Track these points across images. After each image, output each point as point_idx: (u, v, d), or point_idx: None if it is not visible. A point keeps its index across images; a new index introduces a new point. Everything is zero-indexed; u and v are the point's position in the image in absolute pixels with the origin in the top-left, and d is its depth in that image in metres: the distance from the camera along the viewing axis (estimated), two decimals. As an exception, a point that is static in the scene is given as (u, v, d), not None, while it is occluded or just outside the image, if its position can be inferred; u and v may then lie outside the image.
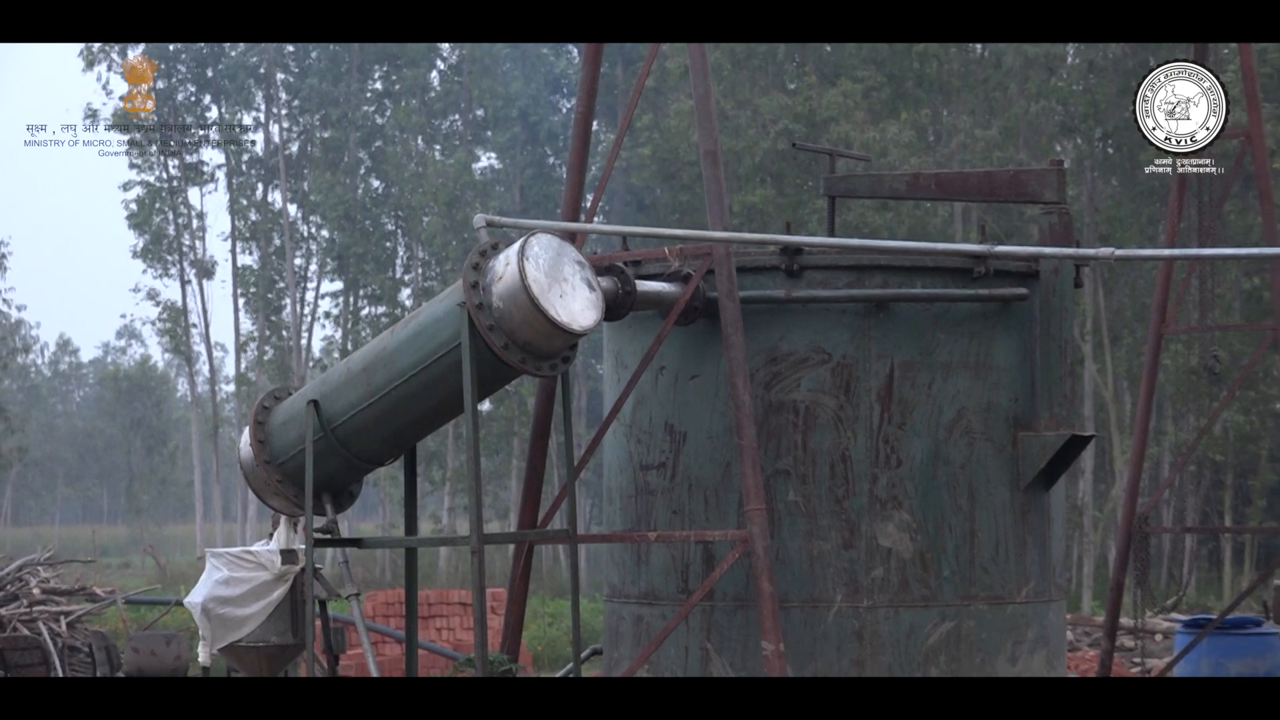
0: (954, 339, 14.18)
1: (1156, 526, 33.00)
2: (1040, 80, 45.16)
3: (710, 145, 14.00)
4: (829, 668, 13.84)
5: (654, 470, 14.44)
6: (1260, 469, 47.14)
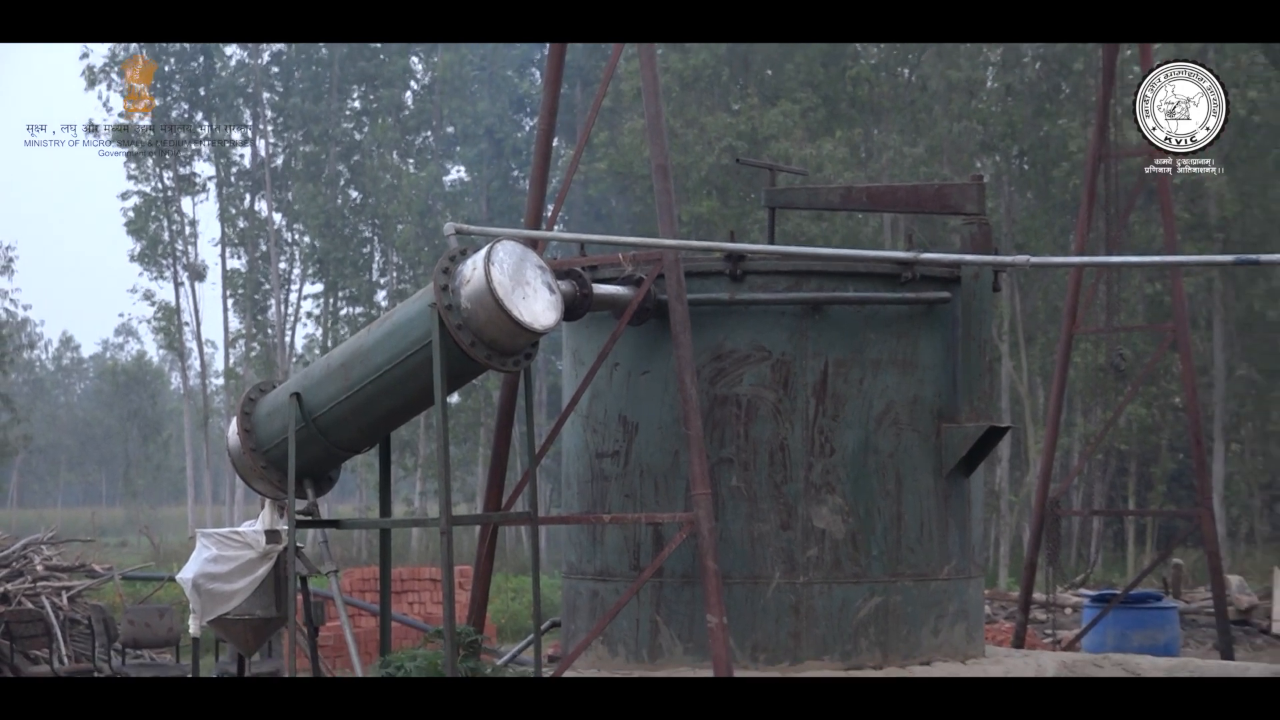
0: (883, 338, 14.21)
1: (1066, 510, 33.05)
2: (962, 103, 45.25)
3: (661, 160, 13.99)
4: (768, 639, 13.85)
5: (608, 458, 14.44)
6: (1161, 457, 47.32)
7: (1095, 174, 19.92)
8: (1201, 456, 21.26)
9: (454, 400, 39.11)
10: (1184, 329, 20.17)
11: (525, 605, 23.68)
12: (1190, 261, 14.97)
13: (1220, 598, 20.24)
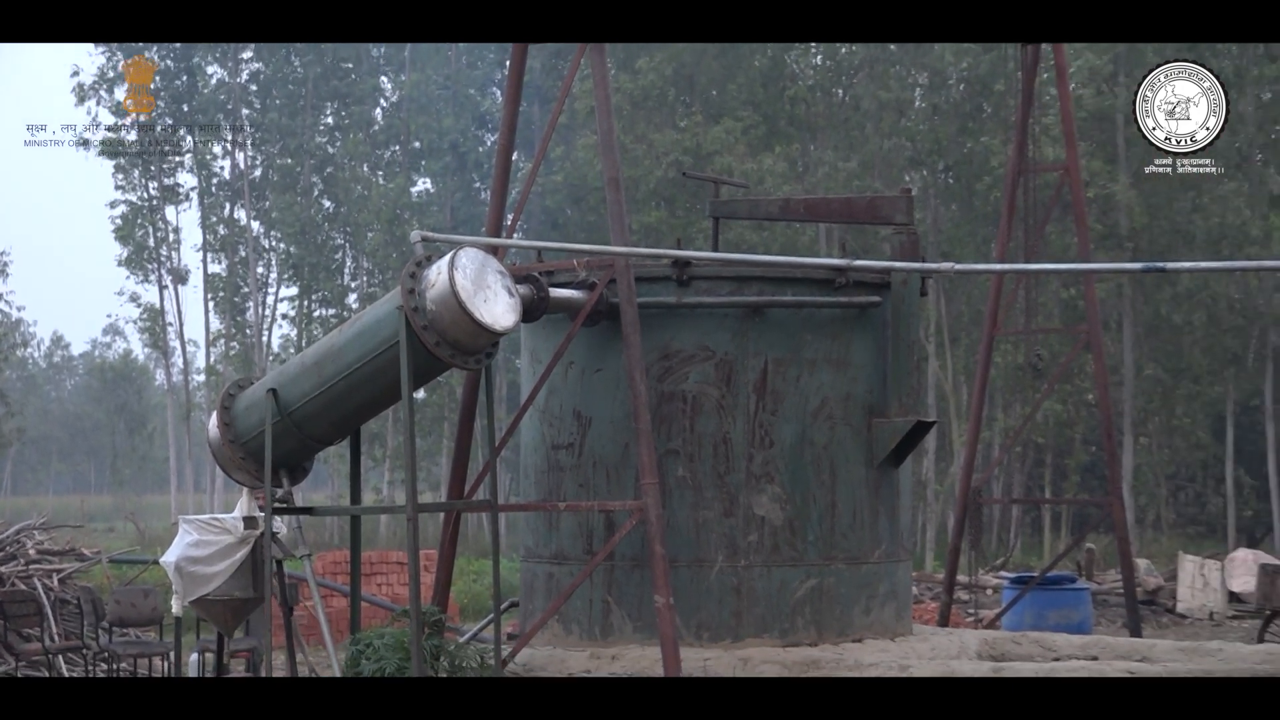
0: (818, 339, 14.23)
1: (988, 498, 33.17)
2: (892, 121, 45.35)
3: (612, 173, 13.98)
4: (711, 618, 13.85)
5: (564, 450, 14.43)
6: (1075, 450, 47.50)
7: (1015, 188, 19.97)
8: (1112, 449, 21.34)
9: (420, 396, 39.02)
10: (1096, 331, 20.24)
11: (486, 587, 23.63)
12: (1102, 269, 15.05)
13: (1129, 580, 20.32)
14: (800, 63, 48.17)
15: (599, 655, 13.67)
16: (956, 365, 44.49)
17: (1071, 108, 20.66)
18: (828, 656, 13.30)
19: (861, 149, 45.02)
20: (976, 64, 44.35)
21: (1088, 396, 41.12)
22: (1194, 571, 30.51)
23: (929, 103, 46.56)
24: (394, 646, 12.67)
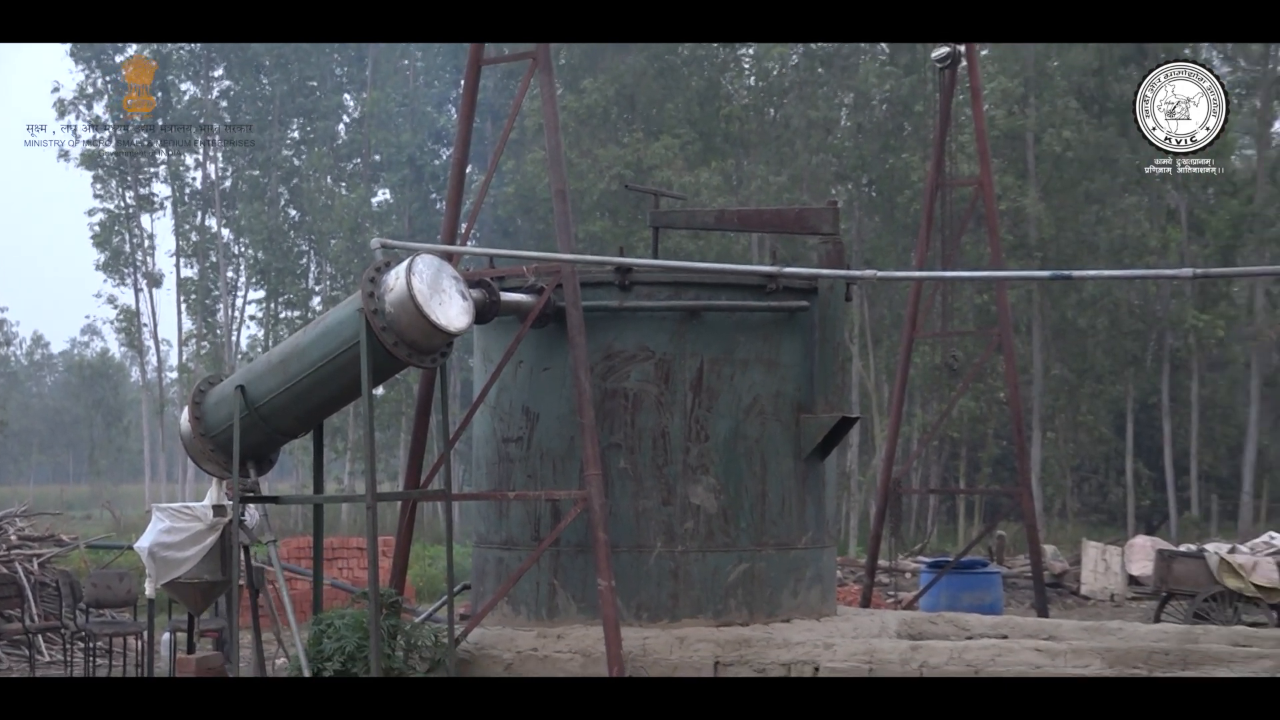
0: (750, 340, 14.24)
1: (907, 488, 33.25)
2: (819, 138, 45.46)
3: (560, 185, 13.96)
4: (650, 600, 13.85)
5: (513, 443, 14.41)
6: (987, 444, 47.70)
7: (933, 201, 20.04)
8: (1022, 443, 21.43)
9: (379, 392, 38.91)
10: (1007, 334, 20.32)
11: (440, 571, 23.58)
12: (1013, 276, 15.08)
13: (1037, 564, 20.41)
14: (735, 83, 48.24)
15: (545, 634, 13.66)
16: (878, 365, 44.63)
17: (985, 127, 20.73)
18: (758, 635, 13.32)
19: (791, 164, 45.11)
20: (898, 86, 44.50)
21: (999, 394, 41.28)
22: (1096, 557, 30.70)
23: (854, 121, 46.71)
24: (353, 626, 12.64)
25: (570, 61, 47.74)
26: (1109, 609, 27.82)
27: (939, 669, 12.19)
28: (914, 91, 43.99)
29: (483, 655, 13.43)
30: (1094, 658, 12.11)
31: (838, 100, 47.14)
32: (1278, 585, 22.41)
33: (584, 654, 13.13)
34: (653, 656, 12.96)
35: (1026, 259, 41.63)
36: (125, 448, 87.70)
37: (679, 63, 47.65)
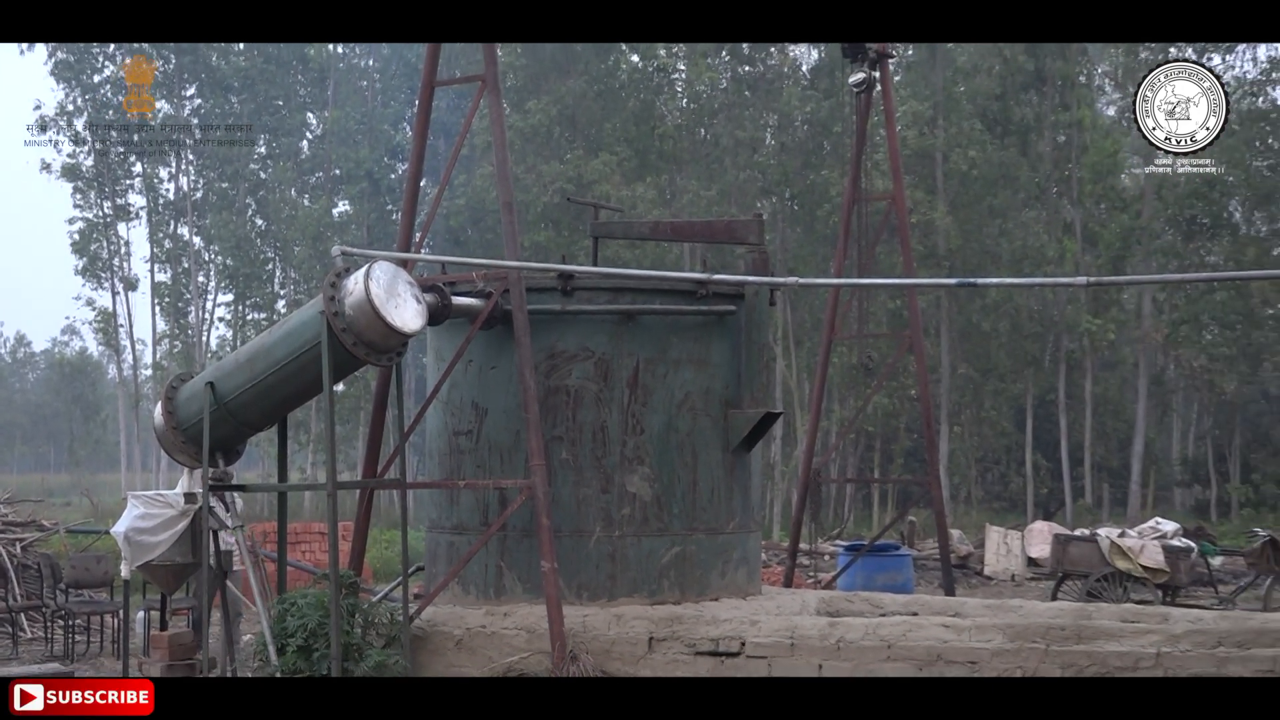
0: (683, 342, 14.26)
1: (826, 478, 33.37)
2: (746, 156, 45.56)
3: (507, 198, 13.95)
4: (590, 581, 13.85)
5: (464, 436, 14.38)
6: (900, 437, 47.94)
7: (850, 214, 20.09)
8: (931, 436, 21.54)
9: (339, 388, 38.75)
10: (918, 336, 20.41)
11: (396, 554, 23.47)
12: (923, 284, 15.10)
13: (945, 547, 20.51)
14: (668, 105, 48.28)
15: (493, 612, 13.65)
16: (800, 365, 44.75)
17: (898, 146, 20.84)
18: (689, 613, 13.34)
19: (720, 180, 45.19)
20: (818, 108, 44.67)
21: (910, 392, 41.48)
22: (999, 540, 30.87)
23: (777, 141, 46.83)
24: (315, 605, 12.59)
25: (516, 84, 47.69)
26: (1010, 588, 27.97)
27: (855, 644, 12.23)
28: (833, 113, 44.19)
29: (435, 632, 13.40)
30: (996, 633, 12.18)
31: (763, 121, 47.27)
32: (1163, 567, 22.59)
33: (529, 631, 13.12)
34: (592, 633, 12.96)
35: (935, 268, 41.85)
36: (102, 439, 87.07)
37: (617, 85, 47.67)
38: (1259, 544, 23.74)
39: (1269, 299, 46.45)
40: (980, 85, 45.85)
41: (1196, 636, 11.72)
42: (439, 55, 14.67)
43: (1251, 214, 47.39)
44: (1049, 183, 46.88)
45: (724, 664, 12.51)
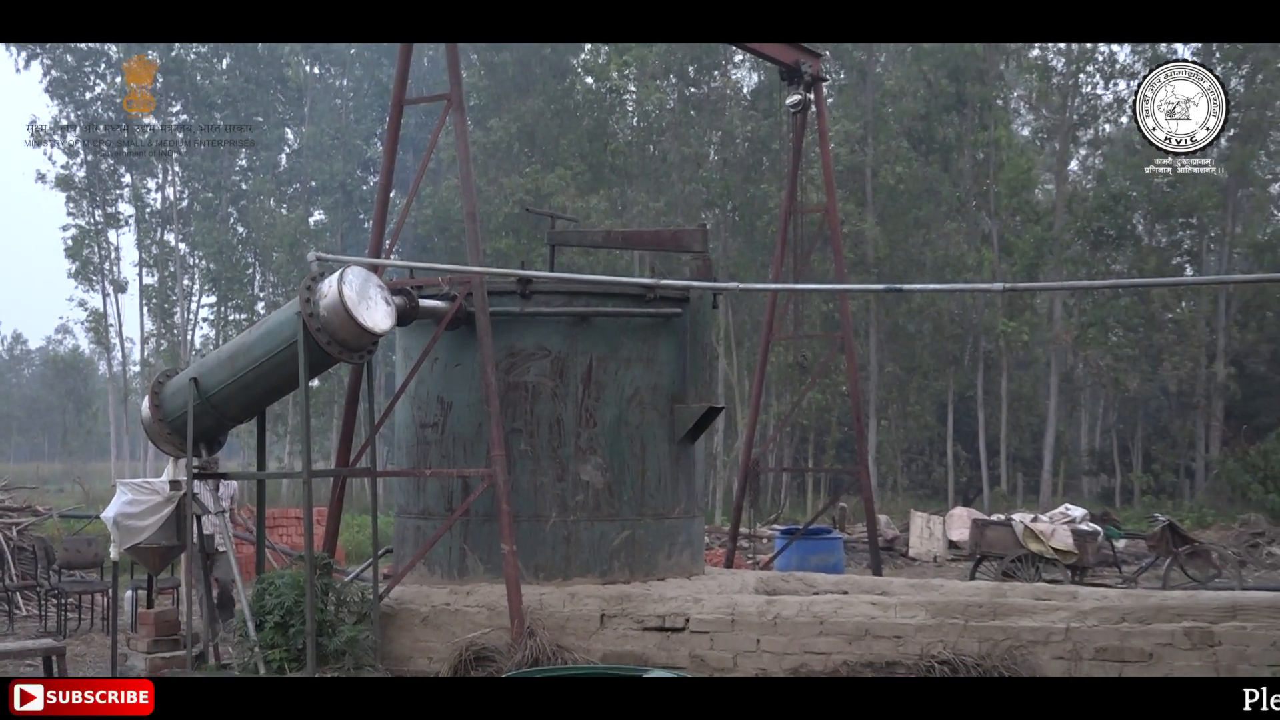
0: (633, 342, 14.27)
1: (764, 467, 33.45)
2: (691, 170, 45.58)
3: (470, 208, 13.93)
4: (547, 562, 13.85)
5: (430, 428, 14.35)
6: (832, 429, 48.08)
7: (787, 225, 20.13)
8: (860, 429, 21.60)
9: (314, 384, 38.58)
10: (849, 337, 20.47)
11: (366, 537, 23.31)
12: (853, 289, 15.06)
13: (873, 531, 20.58)
14: (619, 123, 48.27)
15: (457, 591, 13.62)
16: (740, 363, 44.82)
17: (830, 163, 20.89)
18: (637, 592, 13.35)
19: (667, 192, 45.21)
20: (758, 127, 44.76)
21: (841, 388, 41.62)
22: (922, 525, 31.01)
23: (720, 157, 46.87)
24: (291, 584, 12.55)
25: (479, 103, 47.59)
26: (932, 568, 28.11)
27: (790, 620, 12.27)
28: (771, 132, 44.27)
29: (403, 610, 13.36)
30: (920, 610, 12.24)
31: (707, 138, 47.30)
32: (1072, 549, 22.74)
33: (490, 608, 13.10)
34: (548, 610, 12.95)
35: (865, 274, 41.99)
36: (94, 431, 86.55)
37: (572, 105, 47.65)
38: (1159, 528, 23.93)
39: (1168, 304, 46.87)
40: (906, 107, 46.05)
41: (1102, 613, 11.81)
42: (408, 75, 14.64)
43: (1153, 226, 47.76)
44: (969, 197, 47.13)
45: (670, 639, 12.52)
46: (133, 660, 13.46)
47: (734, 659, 12.25)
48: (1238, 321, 46.75)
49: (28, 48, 51.46)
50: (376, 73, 51.36)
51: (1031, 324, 46.85)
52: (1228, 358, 46.12)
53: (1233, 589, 19.85)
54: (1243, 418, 46.44)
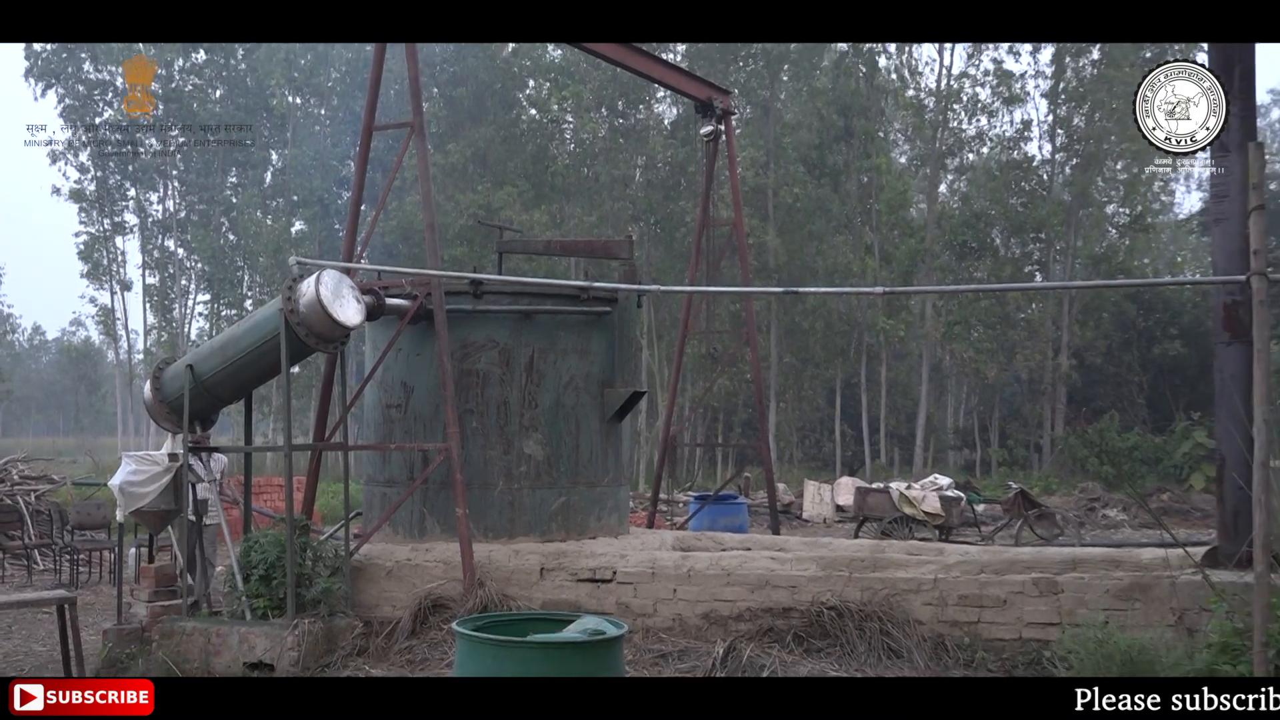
0: (569, 336, 14.23)
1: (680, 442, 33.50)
2: (620, 189, 45.58)
3: (430, 220, 13.83)
4: (494, 524, 13.79)
5: (394, 408, 14.25)
6: (738, 411, 48.29)
7: (701, 236, 20.17)
8: (762, 410, 21.68)
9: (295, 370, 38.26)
10: (753, 332, 20.54)
11: (339, 502, 23.20)
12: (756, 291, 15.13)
13: (772, 497, 20.67)
14: (559, 149, 48.17)
15: (417, 549, 13.54)
16: (661, 354, 44.88)
17: (738, 184, 20.93)
18: (572, 549, 13.33)
19: (599, 208, 45.18)
20: (677, 153, 44.86)
21: (746, 376, 41.79)
22: (814, 492, 31.20)
23: (645, 178, 46.91)
24: (274, 543, 12.43)
25: (438, 130, 47.34)
26: (822, 529, 28.29)
27: (702, 573, 12.29)
28: (688, 157, 44.36)
29: (370, 564, 13.27)
30: (811, 563, 12.30)
31: (633, 162, 47.31)
32: (939, 512, 22.96)
33: (445, 563, 13.03)
34: (495, 564, 12.90)
35: (767, 279, 42.17)
36: (102, 410, 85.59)
37: (519, 132, 47.54)
38: (1012, 494, 24.23)
39: (1021, 306, 47.40)
40: (802, 137, 46.29)
41: (964, 566, 11.92)
42: (376, 105, 14.51)
43: (1009, 240, 48.25)
44: (854, 214, 47.44)
45: (600, 588, 12.51)
46: (135, 608, 13.29)
47: (654, 605, 12.26)
48: (1079, 321, 47.35)
49: (45, 78, 50.74)
50: (350, 103, 50.96)
51: (906, 322, 47.26)
52: (1070, 351, 46.71)
53: (1073, 545, 20.13)
54: (1082, 402, 47.08)
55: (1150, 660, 8.16)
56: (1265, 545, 7.40)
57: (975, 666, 10.79)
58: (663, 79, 18.23)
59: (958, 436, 52.71)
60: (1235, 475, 10.43)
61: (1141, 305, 47.13)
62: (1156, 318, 46.82)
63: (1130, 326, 47.15)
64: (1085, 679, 7.19)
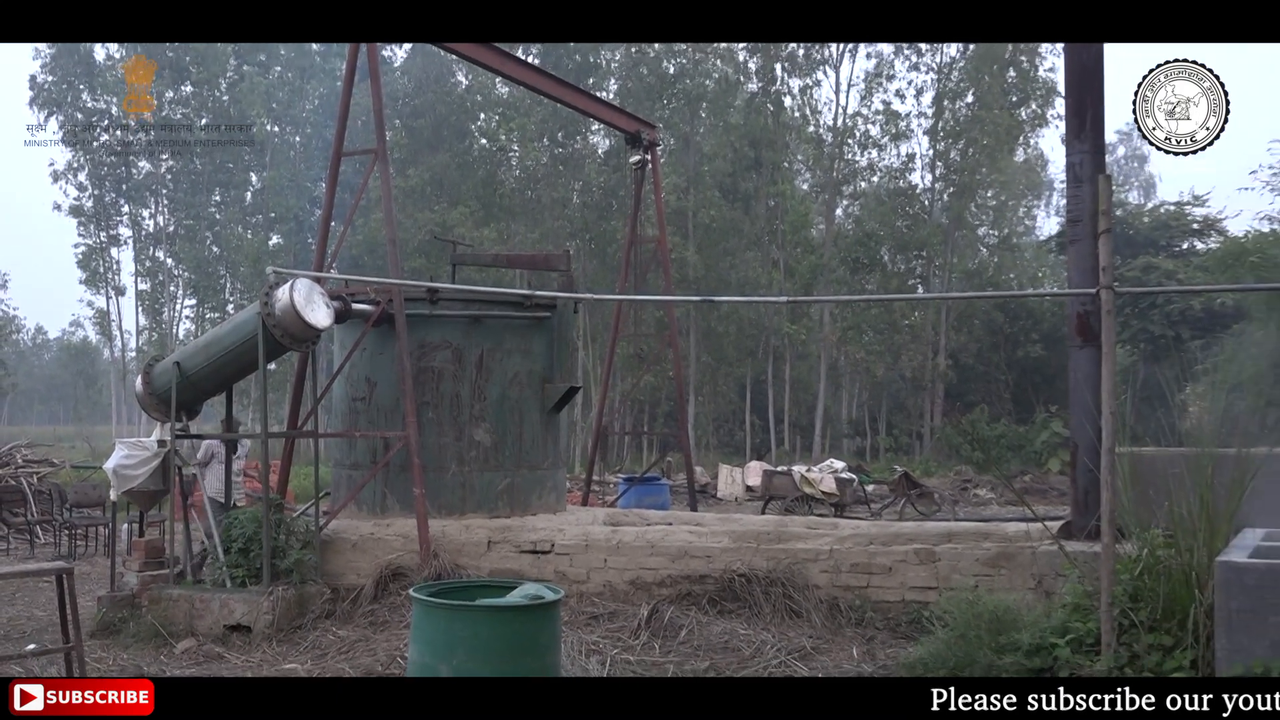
0: (514, 338, 14.19)
1: (611, 431, 33.44)
2: (560, 210, 45.48)
3: (392, 235, 13.72)
4: (448, 502, 13.72)
5: (360, 401, 14.12)
6: (661, 404, 48.32)
7: (630, 251, 20.18)
8: (682, 404, 21.73)
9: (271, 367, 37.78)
10: (674, 335, 20.59)
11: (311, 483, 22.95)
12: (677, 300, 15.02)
13: (690, 479, 20.71)
14: (506, 174, 47.97)
15: (379, 524, 13.42)
16: (594, 354, 44.83)
17: (663, 206, 20.96)
18: (516, 524, 13.28)
19: (541, 226, 45.06)
20: (610, 179, 44.84)
21: (669, 373, 41.85)
22: (727, 474, 31.30)
23: (581, 200, 46.86)
24: (252, 519, 12.28)
25: (400, 156, 46.96)
26: (735, 506, 28.38)
27: (629, 544, 12.29)
28: (619, 182, 44.35)
29: (338, 538, 13.14)
30: (724, 536, 12.34)
31: (571, 186, 47.23)
32: (835, 492, 23.14)
33: (404, 537, 12.94)
34: (449, 538, 12.82)
35: (687, 289, 42.26)
36: (98, 402, 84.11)
37: (471, 159, 47.30)
38: (897, 477, 24.47)
39: (905, 314, 47.87)
40: (718, 166, 46.50)
41: (856, 538, 12.02)
42: (344, 134, 14.37)
43: (895, 257, 48.75)
44: (763, 233, 47.67)
45: (540, 558, 12.47)
46: (127, 577, 13.06)
47: (588, 573, 12.25)
48: (954, 327, 47.95)
49: (47, 108, 49.75)
50: (322, 131, 50.44)
51: (807, 327, 47.59)
52: (947, 353, 47.28)
53: (948, 520, 20.39)
54: (957, 397, 47.67)
55: (1014, 618, 8.26)
56: (1111, 520, 7.54)
57: (865, 625, 10.88)
58: (597, 114, 18.24)
59: (851, 426, 53.17)
60: (1086, 460, 10.61)
61: (1008, 314, 47.83)
62: (1021, 324, 47.51)
63: (998, 332, 47.82)
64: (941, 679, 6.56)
